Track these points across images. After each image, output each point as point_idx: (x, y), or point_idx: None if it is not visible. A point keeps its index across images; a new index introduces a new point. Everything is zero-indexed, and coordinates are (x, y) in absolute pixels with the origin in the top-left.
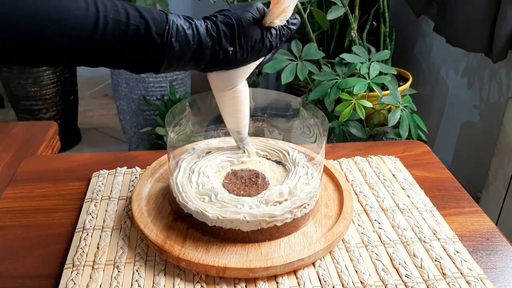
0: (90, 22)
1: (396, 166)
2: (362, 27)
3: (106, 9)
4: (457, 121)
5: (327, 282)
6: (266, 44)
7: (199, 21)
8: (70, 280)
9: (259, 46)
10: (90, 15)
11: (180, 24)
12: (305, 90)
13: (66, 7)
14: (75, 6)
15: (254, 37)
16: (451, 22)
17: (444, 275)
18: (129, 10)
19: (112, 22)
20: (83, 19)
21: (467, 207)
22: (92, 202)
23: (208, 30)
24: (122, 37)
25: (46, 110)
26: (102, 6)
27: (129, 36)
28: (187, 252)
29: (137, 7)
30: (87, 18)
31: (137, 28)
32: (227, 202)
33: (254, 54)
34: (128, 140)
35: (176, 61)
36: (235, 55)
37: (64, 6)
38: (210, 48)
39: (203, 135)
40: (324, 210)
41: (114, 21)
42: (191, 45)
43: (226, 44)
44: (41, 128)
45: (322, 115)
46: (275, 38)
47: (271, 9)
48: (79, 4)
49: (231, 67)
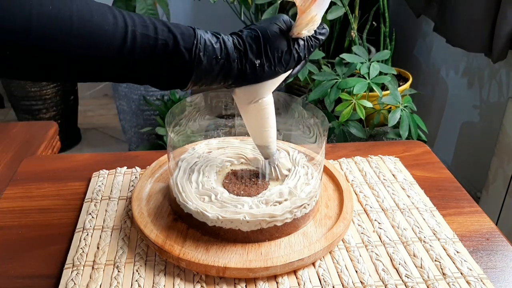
0: (118, 36)
1: (396, 166)
2: (362, 27)
3: (135, 24)
4: (457, 121)
5: (327, 282)
6: (294, 55)
7: (226, 36)
8: (70, 280)
9: (286, 57)
10: (118, 30)
11: (208, 38)
12: (305, 90)
13: (97, 23)
14: (105, 21)
15: (281, 49)
16: (451, 22)
17: (444, 275)
18: (158, 25)
19: (140, 37)
20: (112, 34)
21: (467, 207)
22: (92, 202)
23: (235, 44)
24: (150, 52)
25: (46, 110)
26: (131, 21)
27: (158, 50)
28: (187, 252)
29: (166, 22)
30: (116, 33)
31: (165, 43)
32: (227, 202)
33: (282, 66)
34: (128, 140)
35: (204, 76)
36: (263, 67)
37: (96, 23)
38: (237, 62)
39: (203, 135)
40: (324, 210)
41: (142, 36)
42: (218, 59)
43: (252, 57)
44: (41, 128)
45: (322, 115)
46: (303, 49)
47: (298, 19)
48: (108, 20)
49: (259, 80)
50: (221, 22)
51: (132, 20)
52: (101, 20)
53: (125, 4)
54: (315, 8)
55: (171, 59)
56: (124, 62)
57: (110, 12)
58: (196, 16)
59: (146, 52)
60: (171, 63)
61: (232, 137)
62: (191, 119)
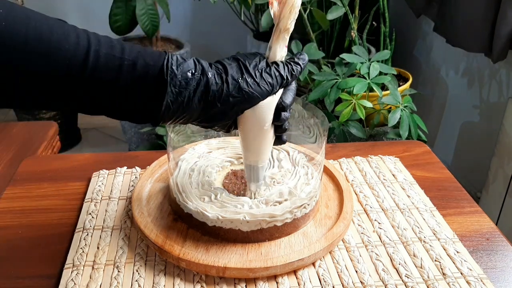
0: (79, 56)
1: (396, 166)
2: (362, 27)
3: (100, 44)
4: (457, 121)
5: (327, 282)
6: (275, 73)
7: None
8: (70, 280)
9: (267, 74)
10: (80, 49)
11: (179, 56)
12: (305, 90)
13: (57, 41)
14: (66, 40)
15: (261, 66)
16: (451, 22)
17: (444, 275)
18: (125, 46)
19: (104, 57)
20: (72, 53)
21: (467, 207)
22: (92, 202)
23: (211, 64)
24: (116, 73)
25: (46, 110)
26: (95, 41)
27: (124, 71)
28: (187, 252)
29: (136, 46)
30: (77, 52)
31: (132, 63)
32: (227, 202)
33: (265, 83)
34: (128, 140)
35: (179, 94)
36: (246, 82)
37: (55, 40)
38: (215, 77)
39: (203, 135)
40: (324, 210)
41: (107, 56)
42: (193, 73)
43: (233, 72)
44: (41, 128)
45: (322, 115)
46: (283, 69)
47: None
48: (70, 38)
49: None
50: (221, 22)
51: (97, 40)
52: (61, 38)
53: (125, 4)
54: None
55: (140, 79)
56: (88, 85)
57: (73, 31)
58: (196, 16)
59: (111, 73)
60: (141, 84)
61: (232, 137)
62: None
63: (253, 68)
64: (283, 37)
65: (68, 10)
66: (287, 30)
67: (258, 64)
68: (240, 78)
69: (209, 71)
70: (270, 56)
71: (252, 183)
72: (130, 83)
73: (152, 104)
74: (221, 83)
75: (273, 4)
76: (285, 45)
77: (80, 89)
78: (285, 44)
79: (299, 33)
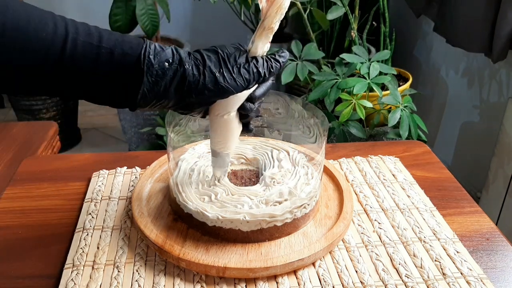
0: (57, 44)
1: (396, 166)
2: (362, 27)
3: (77, 32)
4: (457, 121)
5: (327, 282)
6: (253, 69)
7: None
8: (70, 280)
9: (245, 70)
10: (57, 38)
11: (158, 45)
12: (305, 90)
13: (34, 30)
14: (43, 29)
15: (239, 62)
16: (451, 22)
17: (444, 275)
18: (104, 34)
19: (82, 45)
20: (50, 41)
21: (467, 207)
22: (92, 202)
23: (190, 54)
24: (93, 61)
25: (46, 110)
26: (73, 29)
27: (102, 59)
28: (187, 252)
29: (114, 33)
30: (54, 40)
31: (110, 51)
32: (227, 202)
33: (241, 78)
34: (128, 140)
35: (156, 83)
36: (223, 77)
37: (32, 29)
38: (193, 68)
39: (203, 135)
40: (324, 210)
41: (84, 44)
42: (170, 63)
43: (211, 65)
44: (41, 128)
45: (322, 115)
46: (262, 65)
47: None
48: (48, 27)
49: (222, 92)
50: (221, 22)
51: (75, 28)
52: (39, 27)
53: (125, 4)
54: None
55: (118, 68)
56: (66, 72)
57: (52, 19)
58: (196, 16)
59: (89, 61)
60: (118, 72)
61: None
62: (191, 119)
63: (232, 63)
64: (266, 35)
65: (68, 10)
66: (271, 29)
67: (238, 59)
68: (217, 72)
69: (187, 62)
70: (251, 50)
71: (217, 169)
72: (107, 71)
73: (128, 92)
74: (197, 74)
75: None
76: (268, 42)
77: (58, 76)
78: (268, 41)
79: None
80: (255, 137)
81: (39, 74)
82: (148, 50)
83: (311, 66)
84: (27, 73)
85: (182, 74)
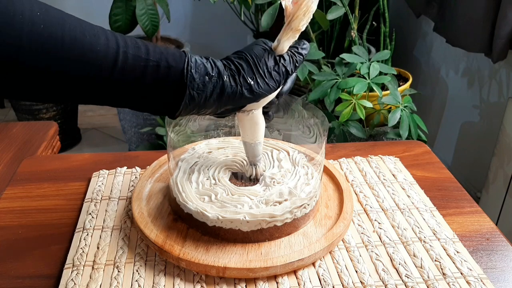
0: (110, 57)
1: (396, 166)
2: (362, 27)
3: (127, 45)
4: (457, 121)
5: (327, 282)
6: (282, 69)
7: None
8: (70, 280)
9: (275, 72)
10: (110, 51)
11: (199, 58)
12: (305, 90)
13: (89, 44)
14: (97, 42)
15: (269, 65)
16: (451, 22)
17: (444, 275)
18: (150, 47)
19: (132, 58)
20: (103, 54)
21: (467, 207)
22: (92, 202)
23: (225, 65)
24: (141, 73)
25: (46, 110)
26: (123, 43)
27: (149, 71)
28: (187, 252)
29: (157, 45)
30: (107, 53)
31: (156, 64)
32: (227, 202)
33: (273, 81)
34: (128, 140)
35: (197, 95)
36: (257, 84)
37: (88, 43)
38: (230, 79)
39: (203, 135)
40: (324, 210)
41: (134, 57)
42: (211, 76)
43: (245, 74)
44: (41, 128)
45: (322, 115)
46: (289, 63)
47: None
48: (100, 40)
49: (257, 98)
50: (221, 22)
51: (124, 41)
52: (93, 40)
53: (125, 4)
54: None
55: (163, 80)
56: (115, 83)
57: (102, 33)
58: (196, 16)
59: (137, 73)
60: (163, 84)
61: (232, 137)
62: (191, 119)
63: (263, 68)
64: (293, 35)
65: (68, 10)
66: (298, 31)
67: (267, 62)
68: (251, 80)
69: (224, 74)
70: (278, 49)
71: (251, 158)
72: (153, 83)
73: (171, 103)
74: (235, 85)
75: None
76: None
77: (108, 87)
78: (294, 40)
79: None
80: None
81: (90, 85)
82: (190, 64)
83: (311, 66)
84: (79, 84)
85: (221, 86)
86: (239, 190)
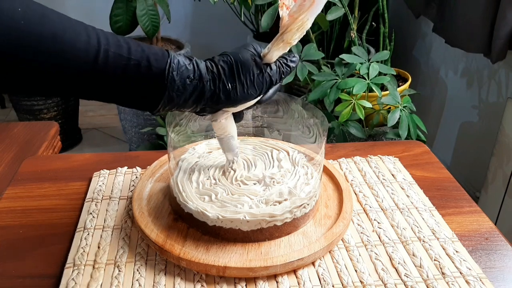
0: (90, 55)
1: (396, 166)
2: (362, 27)
3: (108, 43)
4: (456, 121)
5: (327, 281)
6: (266, 79)
7: (198, 60)
8: (71, 280)
9: (259, 81)
10: (91, 48)
11: (181, 59)
12: (305, 90)
13: (70, 41)
14: (78, 39)
15: (254, 72)
16: (450, 22)
17: (443, 274)
18: (132, 45)
19: (113, 56)
20: (84, 52)
21: (466, 207)
22: (93, 202)
23: (208, 67)
24: (122, 71)
25: (47, 110)
26: (104, 40)
27: (130, 70)
28: (187, 252)
29: (140, 43)
30: (88, 51)
31: (137, 63)
32: (227, 202)
33: (254, 89)
34: (128, 140)
35: (176, 96)
36: (236, 90)
37: (68, 40)
38: (210, 83)
39: (203, 135)
40: (324, 210)
41: (115, 55)
42: (192, 79)
43: (225, 79)
44: (42, 128)
45: (322, 115)
46: (275, 73)
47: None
48: (81, 37)
49: (233, 103)
50: (221, 23)
51: (106, 39)
52: (73, 37)
53: (125, 4)
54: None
55: (143, 79)
56: (96, 80)
57: (84, 30)
58: (197, 16)
59: (118, 72)
60: (143, 83)
61: None
62: (191, 119)
63: (245, 75)
64: (284, 47)
65: (68, 10)
66: (290, 44)
67: (252, 69)
68: (231, 86)
69: (205, 78)
70: (267, 57)
71: (227, 153)
72: (133, 81)
73: (150, 100)
74: (214, 89)
75: (283, 8)
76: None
77: (88, 83)
78: (284, 51)
79: None
80: (255, 137)
81: (70, 81)
82: (172, 65)
83: (311, 67)
84: (60, 79)
85: (201, 89)
86: (239, 190)
